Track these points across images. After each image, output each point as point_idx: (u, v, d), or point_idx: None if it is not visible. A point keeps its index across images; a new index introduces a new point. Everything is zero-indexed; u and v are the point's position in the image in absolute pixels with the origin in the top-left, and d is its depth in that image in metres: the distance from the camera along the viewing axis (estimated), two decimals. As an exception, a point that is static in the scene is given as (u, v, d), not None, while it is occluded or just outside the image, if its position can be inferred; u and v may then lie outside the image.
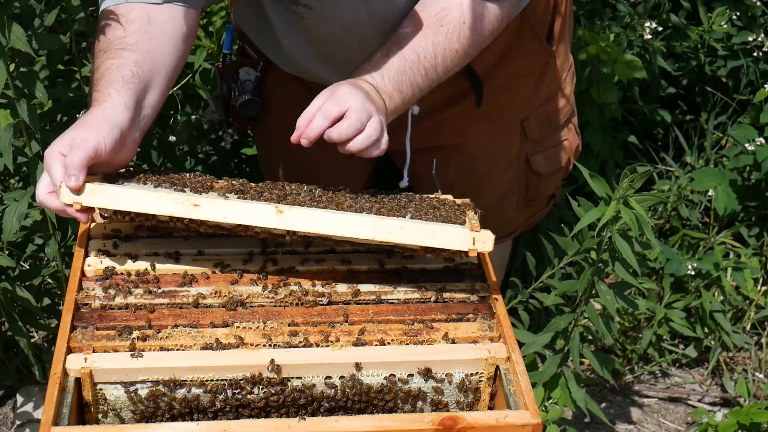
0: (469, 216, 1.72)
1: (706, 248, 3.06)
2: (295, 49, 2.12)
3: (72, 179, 1.62)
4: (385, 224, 1.62)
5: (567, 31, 2.34)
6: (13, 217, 2.12)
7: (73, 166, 1.62)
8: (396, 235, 1.62)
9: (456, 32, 1.90)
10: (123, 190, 1.64)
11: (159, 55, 1.85)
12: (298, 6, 2.01)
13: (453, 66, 1.93)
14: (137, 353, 1.56)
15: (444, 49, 1.90)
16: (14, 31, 1.88)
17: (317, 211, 1.63)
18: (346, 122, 1.74)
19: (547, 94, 2.35)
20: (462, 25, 1.90)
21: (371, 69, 1.86)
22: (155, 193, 1.64)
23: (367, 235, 1.62)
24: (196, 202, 1.62)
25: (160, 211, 1.63)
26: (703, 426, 2.62)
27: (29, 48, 1.89)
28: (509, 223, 2.50)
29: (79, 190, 1.63)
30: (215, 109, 2.39)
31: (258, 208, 1.62)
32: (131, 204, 1.63)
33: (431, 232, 1.63)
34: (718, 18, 3.29)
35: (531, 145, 2.38)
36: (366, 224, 1.62)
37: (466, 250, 1.63)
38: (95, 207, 1.69)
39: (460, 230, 1.64)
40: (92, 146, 1.65)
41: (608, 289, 2.16)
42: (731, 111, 3.39)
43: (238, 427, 1.45)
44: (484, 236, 1.62)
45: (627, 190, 1.98)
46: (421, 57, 1.89)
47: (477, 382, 1.61)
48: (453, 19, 1.89)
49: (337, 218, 1.62)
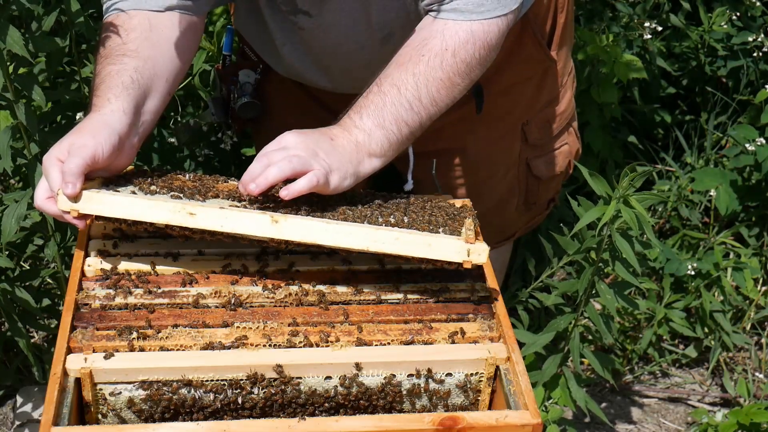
0: (466, 225, 1.71)
1: (706, 248, 3.06)
2: (294, 58, 2.12)
3: (69, 186, 1.63)
4: (380, 235, 1.62)
5: (568, 35, 2.33)
6: (12, 218, 2.12)
7: (70, 174, 1.63)
8: (390, 246, 1.62)
9: (438, 60, 1.83)
10: (119, 198, 1.65)
11: (160, 62, 1.85)
12: (297, 15, 2.00)
13: (443, 95, 1.86)
14: (137, 353, 1.55)
15: (426, 79, 1.83)
16: (11, 34, 1.88)
17: (312, 221, 1.63)
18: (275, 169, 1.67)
19: (547, 99, 2.34)
20: (444, 52, 1.83)
21: (351, 110, 1.82)
22: (151, 201, 1.64)
23: (362, 246, 1.62)
24: (192, 210, 1.63)
25: (156, 219, 1.64)
26: (703, 426, 2.62)
27: (26, 52, 1.89)
28: (509, 227, 2.50)
29: (76, 198, 1.64)
30: (214, 111, 2.39)
31: (253, 217, 1.62)
32: (127, 212, 1.64)
33: (426, 243, 1.62)
34: (718, 18, 3.29)
35: (531, 150, 2.37)
36: (360, 235, 1.62)
37: (461, 261, 1.63)
38: (92, 214, 1.70)
39: (454, 242, 1.63)
40: (90, 153, 1.66)
41: (608, 289, 2.16)
42: (731, 111, 3.39)
43: (238, 427, 1.45)
44: (479, 248, 1.62)
45: (627, 189, 1.98)
46: (402, 89, 1.82)
47: (477, 382, 1.61)
48: (434, 47, 1.84)
49: (331, 228, 1.62)
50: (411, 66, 1.83)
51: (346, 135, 1.78)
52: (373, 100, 1.81)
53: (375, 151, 1.79)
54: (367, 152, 1.79)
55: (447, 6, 1.84)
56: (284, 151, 1.70)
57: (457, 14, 1.84)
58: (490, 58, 1.90)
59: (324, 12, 1.97)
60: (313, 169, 1.68)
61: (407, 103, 1.81)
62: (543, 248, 2.36)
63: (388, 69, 1.84)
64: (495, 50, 1.90)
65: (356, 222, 1.66)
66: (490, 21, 1.86)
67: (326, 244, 1.63)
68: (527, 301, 2.53)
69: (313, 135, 1.76)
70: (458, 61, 1.84)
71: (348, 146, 1.76)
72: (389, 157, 1.83)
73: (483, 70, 1.91)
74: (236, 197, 1.73)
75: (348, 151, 1.76)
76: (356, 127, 1.79)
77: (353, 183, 1.78)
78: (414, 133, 1.85)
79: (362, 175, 1.79)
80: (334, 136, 1.77)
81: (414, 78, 1.82)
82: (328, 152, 1.73)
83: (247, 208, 1.66)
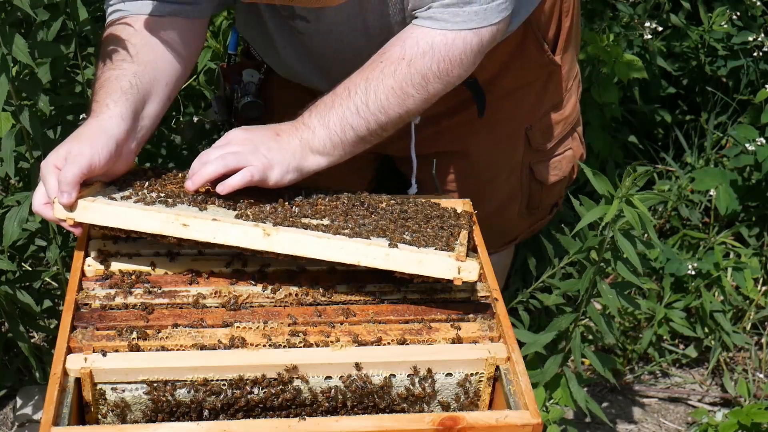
0: (460, 239, 1.71)
1: (706, 248, 3.06)
2: (295, 61, 2.13)
3: (64, 196, 1.65)
4: (371, 251, 1.62)
5: (573, 40, 2.31)
6: (14, 222, 2.12)
7: (66, 183, 1.65)
8: (381, 261, 1.63)
9: (392, 68, 1.83)
10: (114, 209, 1.66)
11: (160, 66, 1.86)
12: (295, 20, 2.01)
13: (392, 103, 1.84)
14: (137, 353, 1.55)
15: (377, 85, 1.83)
16: (16, 42, 1.90)
17: (303, 235, 1.64)
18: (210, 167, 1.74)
19: (551, 104, 2.33)
20: (400, 61, 1.83)
21: (306, 107, 1.87)
22: (145, 212, 1.65)
23: (353, 261, 1.63)
24: (185, 222, 1.64)
25: (149, 229, 1.65)
26: (703, 426, 2.62)
27: (30, 60, 1.90)
28: (511, 231, 2.49)
29: (71, 207, 1.66)
30: (218, 110, 2.40)
31: (245, 230, 1.64)
32: (121, 222, 1.66)
33: (417, 260, 1.62)
34: (718, 18, 3.29)
35: (534, 154, 2.36)
36: (351, 250, 1.63)
37: (451, 278, 1.63)
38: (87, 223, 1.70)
39: (445, 260, 1.62)
40: (86, 162, 1.67)
41: (610, 289, 2.16)
42: (731, 111, 3.39)
43: (238, 427, 1.45)
44: (470, 266, 1.61)
45: (630, 188, 1.98)
46: (352, 93, 1.83)
47: (477, 382, 1.61)
48: (392, 55, 1.84)
49: (322, 243, 1.63)
50: (367, 71, 1.85)
51: (293, 131, 1.83)
52: (324, 100, 1.85)
53: (318, 148, 1.83)
54: (310, 149, 1.83)
55: (425, 13, 1.84)
56: (223, 149, 1.77)
57: (431, 22, 1.83)
58: (455, 74, 1.87)
59: (321, 18, 1.97)
60: (250, 164, 1.74)
61: (354, 107, 1.83)
62: (544, 248, 2.35)
63: (354, 72, 1.87)
64: (459, 65, 1.86)
65: (348, 231, 1.67)
66: (455, 34, 1.83)
67: (317, 258, 1.64)
68: (528, 301, 2.52)
69: (258, 131, 1.82)
70: (413, 71, 1.83)
71: (292, 142, 1.81)
72: (337, 157, 1.86)
73: (446, 86, 1.88)
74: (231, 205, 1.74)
75: (292, 147, 1.81)
76: (303, 124, 1.83)
77: (297, 177, 1.82)
78: (363, 137, 1.86)
79: (306, 170, 1.83)
80: (281, 132, 1.82)
81: (365, 83, 1.84)
82: (270, 148, 1.78)
83: (240, 220, 1.67)
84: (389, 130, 1.89)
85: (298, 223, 1.68)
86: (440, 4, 1.82)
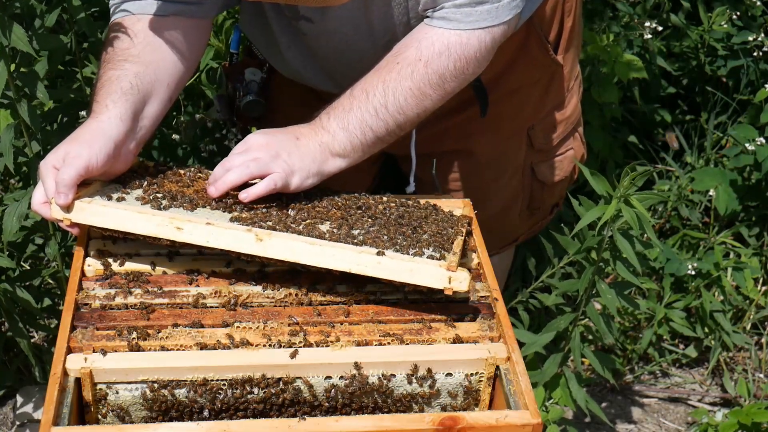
0: (454, 246, 1.71)
1: (706, 248, 3.06)
2: (299, 62, 2.13)
3: (61, 197, 1.66)
4: (362, 258, 1.63)
5: (575, 40, 2.31)
6: (13, 217, 2.13)
7: (63, 184, 1.66)
8: (373, 269, 1.63)
9: (409, 69, 1.84)
10: (110, 210, 1.67)
11: (162, 67, 1.86)
12: (299, 21, 2.01)
13: (411, 104, 1.86)
14: (137, 353, 1.55)
15: (395, 87, 1.84)
16: (15, 31, 1.89)
17: (296, 241, 1.64)
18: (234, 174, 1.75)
19: (553, 104, 2.33)
20: (417, 62, 1.84)
21: (323, 110, 1.86)
22: (140, 214, 1.66)
23: (344, 268, 1.64)
24: (180, 225, 1.65)
25: (143, 231, 1.66)
26: (703, 426, 2.62)
27: (30, 48, 1.90)
28: (512, 232, 2.49)
29: (68, 208, 1.67)
30: (220, 108, 2.40)
31: (238, 235, 1.64)
32: (117, 223, 1.67)
33: (408, 269, 1.62)
34: (718, 18, 3.29)
35: (536, 154, 2.36)
36: (343, 257, 1.63)
37: (442, 288, 1.63)
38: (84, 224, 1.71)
39: (436, 269, 1.62)
40: (84, 164, 1.68)
41: (609, 289, 2.16)
42: (731, 111, 3.39)
43: (238, 427, 1.45)
44: (460, 276, 1.61)
45: (628, 188, 1.98)
46: (370, 95, 1.84)
47: (477, 381, 1.61)
48: (408, 56, 1.85)
49: (315, 250, 1.63)
50: (384, 73, 1.85)
51: (312, 135, 1.82)
52: (342, 103, 1.85)
53: (338, 151, 1.84)
54: (331, 152, 1.83)
55: (437, 13, 1.85)
56: (245, 155, 1.76)
57: (444, 22, 1.84)
58: (470, 71, 1.89)
59: (325, 19, 1.97)
60: (272, 172, 1.75)
61: (373, 109, 1.84)
62: (543, 248, 2.36)
63: (368, 73, 1.87)
64: (475, 63, 1.89)
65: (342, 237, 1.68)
66: (469, 33, 1.85)
67: (309, 264, 1.64)
68: (527, 301, 2.53)
69: (278, 135, 1.81)
70: (430, 72, 1.85)
71: (312, 146, 1.81)
72: (356, 158, 1.87)
73: (461, 84, 1.90)
74: (227, 206, 1.75)
75: (312, 151, 1.81)
76: (322, 128, 1.83)
77: (317, 181, 1.83)
78: (382, 138, 1.87)
79: (326, 173, 1.84)
80: (300, 136, 1.82)
81: (383, 85, 1.84)
82: (291, 152, 1.78)
83: (234, 224, 1.67)
84: (407, 129, 1.91)
85: (292, 228, 1.68)
86: (453, 5, 1.83)
